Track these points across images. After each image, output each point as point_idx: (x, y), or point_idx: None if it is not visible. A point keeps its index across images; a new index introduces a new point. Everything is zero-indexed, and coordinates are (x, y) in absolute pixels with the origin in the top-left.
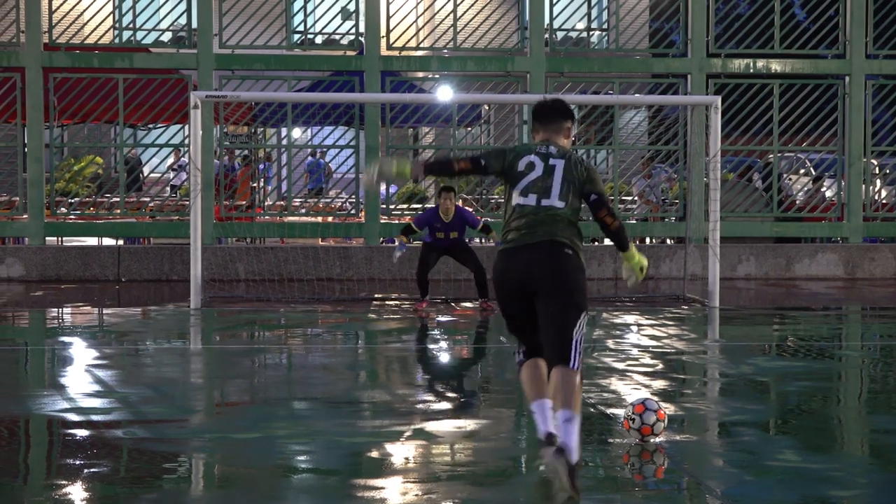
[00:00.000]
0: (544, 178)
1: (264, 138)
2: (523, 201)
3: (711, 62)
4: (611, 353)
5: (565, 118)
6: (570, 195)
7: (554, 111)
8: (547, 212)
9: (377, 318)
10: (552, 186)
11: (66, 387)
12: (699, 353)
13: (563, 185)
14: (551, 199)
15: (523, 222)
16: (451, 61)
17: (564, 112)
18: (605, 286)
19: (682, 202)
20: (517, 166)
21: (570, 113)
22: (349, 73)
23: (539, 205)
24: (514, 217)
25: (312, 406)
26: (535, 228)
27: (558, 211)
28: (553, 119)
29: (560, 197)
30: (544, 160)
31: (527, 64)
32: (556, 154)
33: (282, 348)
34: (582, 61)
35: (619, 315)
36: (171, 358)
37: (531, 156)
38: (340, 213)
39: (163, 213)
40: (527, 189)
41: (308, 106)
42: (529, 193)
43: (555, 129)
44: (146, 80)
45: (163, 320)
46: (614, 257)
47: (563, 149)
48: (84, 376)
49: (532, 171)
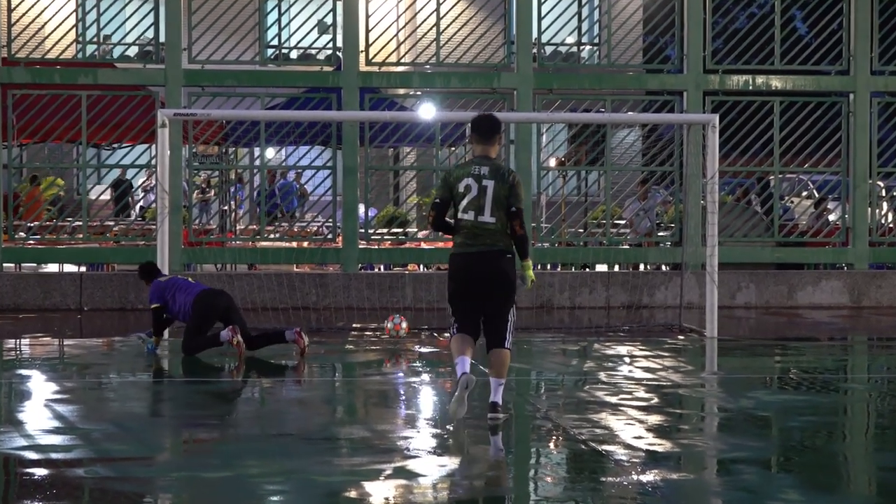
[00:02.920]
0: (479, 198)
1: (236, 158)
2: (465, 217)
3: (709, 78)
4: (603, 386)
5: (497, 132)
6: (499, 210)
7: (490, 126)
8: (483, 226)
9: (355, 349)
10: (485, 205)
11: (23, 423)
12: (696, 386)
13: (493, 204)
14: (485, 216)
15: (468, 234)
16: (433, 77)
17: (497, 127)
18: (597, 315)
19: (678, 226)
20: (458, 188)
21: (500, 126)
22: (326, 90)
23: (476, 220)
24: (461, 228)
25: (287, 443)
26: (477, 239)
27: (490, 225)
28: (491, 134)
29: (491, 214)
30: (478, 181)
31: (514, 80)
32: (487, 175)
33: (254, 381)
34: (572, 77)
35: (612, 346)
36: (135, 392)
37: (468, 179)
38: (316, 238)
39: (128, 237)
40: (467, 207)
41: (282, 124)
42: (469, 210)
43: (490, 142)
44: (111, 97)
45: (127, 352)
46: (606, 284)
47: (493, 166)
48: (43, 411)
49: (469, 193)
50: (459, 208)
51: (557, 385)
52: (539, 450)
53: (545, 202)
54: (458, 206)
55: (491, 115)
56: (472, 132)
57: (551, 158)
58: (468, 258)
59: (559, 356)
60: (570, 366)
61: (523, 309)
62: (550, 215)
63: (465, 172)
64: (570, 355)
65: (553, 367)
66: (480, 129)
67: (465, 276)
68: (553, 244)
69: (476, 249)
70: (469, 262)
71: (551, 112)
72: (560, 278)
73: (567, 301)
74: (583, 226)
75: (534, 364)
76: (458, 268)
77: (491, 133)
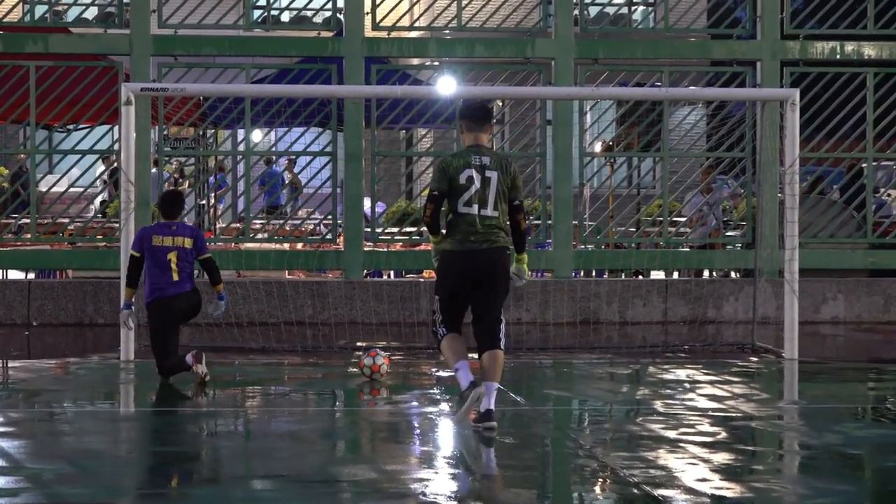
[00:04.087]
0: (482, 190)
1: (216, 143)
2: (467, 210)
3: (787, 46)
4: (659, 417)
5: (489, 120)
6: (501, 202)
7: (483, 114)
8: (487, 220)
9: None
10: (488, 198)
11: None
12: (772, 417)
13: (496, 196)
14: (488, 210)
15: (470, 229)
16: (454, 45)
17: (489, 115)
18: (653, 332)
19: (751, 224)
20: (458, 179)
21: (492, 114)
22: (324, 60)
23: (480, 214)
24: (461, 223)
25: (277, 486)
26: (481, 235)
27: (494, 219)
28: (483, 122)
29: (494, 207)
30: (481, 172)
31: (551, 48)
32: (490, 165)
33: (237, 412)
34: (622, 45)
35: (671, 369)
36: (95, 424)
37: (469, 170)
38: (313, 239)
39: (85, 238)
40: (470, 200)
41: (272, 102)
42: (473, 204)
43: (483, 129)
44: (65, 69)
45: (85, 376)
46: (664, 295)
47: (493, 156)
48: None
49: (472, 185)
50: (460, 201)
51: (604, 416)
52: (583, 495)
53: (589, 195)
54: (459, 199)
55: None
56: (462, 119)
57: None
58: (475, 256)
59: (606, 381)
60: (619, 393)
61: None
62: (595, 211)
63: (465, 163)
64: (620, 380)
65: (599, 395)
66: (473, 115)
67: (469, 275)
68: (598, 246)
69: (484, 246)
70: (475, 261)
71: (596, 87)
72: (607, 287)
73: (616, 315)
74: (635, 224)
75: (575, 391)
76: (463, 266)
77: (484, 119)
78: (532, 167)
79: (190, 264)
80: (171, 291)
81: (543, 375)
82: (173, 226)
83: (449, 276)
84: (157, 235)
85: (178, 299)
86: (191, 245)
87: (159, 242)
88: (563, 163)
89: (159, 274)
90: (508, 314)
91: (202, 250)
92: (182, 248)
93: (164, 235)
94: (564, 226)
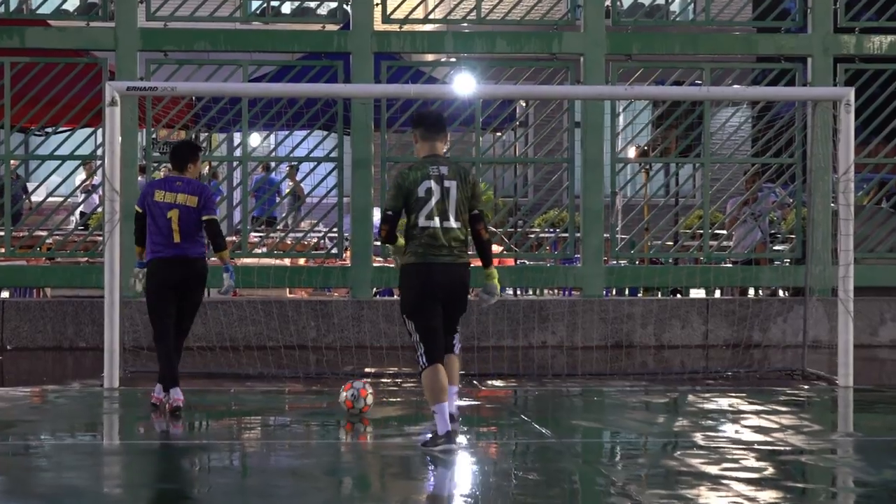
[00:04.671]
0: (442, 202)
1: (209, 147)
2: (428, 224)
3: (841, 40)
4: (699, 451)
5: (445, 128)
6: (462, 213)
7: (439, 122)
8: (449, 234)
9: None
10: (449, 209)
11: None
12: (825, 451)
13: (457, 207)
14: (451, 221)
15: (434, 242)
16: (472, 39)
17: (445, 123)
18: (693, 356)
19: (801, 238)
20: (417, 192)
21: (446, 123)
22: (329, 56)
23: (442, 226)
24: (423, 236)
25: None
26: (444, 248)
27: (456, 231)
28: (439, 130)
29: (456, 218)
30: (440, 183)
31: (580, 43)
32: (448, 175)
33: (233, 445)
34: (658, 39)
35: (712, 397)
36: (76, 459)
37: (428, 181)
38: (317, 254)
39: (65, 252)
40: (431, 213)
41: (271, 102)
42: (434, 216)
43: (439, 138)
44: (43, 66)
45: (65, 405)
46: (704, 316)
47: (451, 165)
48: None
49: (432, 197)
50: (421, 214)
51: (639, 450)
52: None
53: (621, 205)
54: (419, 211)
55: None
56: (416, 128)
57: (630, 147)
58: (439, 270)
59: (641, 411)
60: (655, 424)
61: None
62: (629, 223)
63: (423, 174)
64: (656, 410)
65: (633, 427)
66: (428, 123)
67: (434, 289)
68: (632, 262)
69: (447, 260)
70: (441, 275)
71: (630, 85)
72: (642, 307)
73: (651, 338)
74: (672, 237)
75: (607, 422)
76: (428, 279)
77: (440, 128)
78: (559, 174)
79: (196, 226)
80: (168, 253)
81: (571, 405)
82: (178, 181)
83: (417, 290)
84: (160, 190)
85: (176, 263)
86: (195, 204)
87: (160, 198)
88: (594, 170)
89: (157, 233)
90: (532, 337)
91: (206, 210)
92: (184, 207)
93: (167, 191)
94: (594, 239)
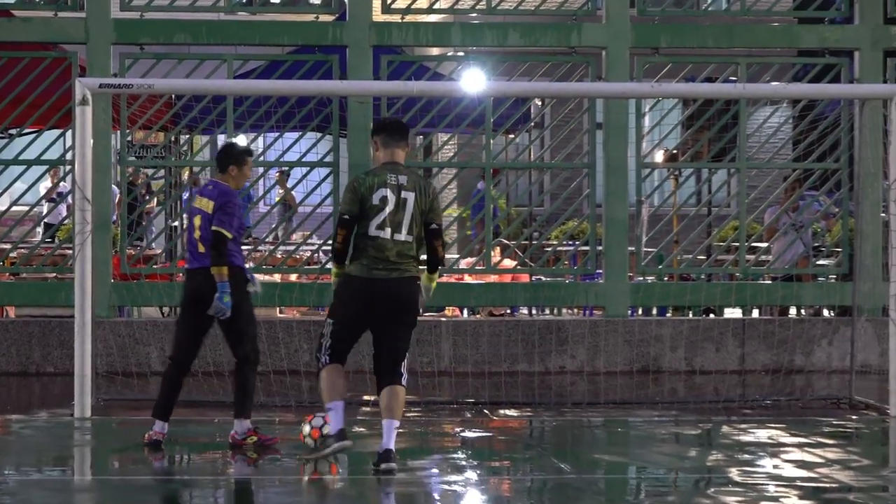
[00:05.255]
0: (396, 212)
1: (190, 151)
2: (378, 234)
3: (891, 31)
4: (736, 489)
5: (406, 135)
6: (416, 227)
7: (400, 128)
8: (399, 247)
9: (369, 431)
10: (403, 221)
11: None
12: (875, 488)
13: (412, 219)
14: (402, 234)
15: (380, 255)
16: (482, 31)
17: (406, 130)
18: (728, 383)
19: (847, 251)
20: (371, 199)
21: (408, 129)
22: (324, 50)
23: (393, 238)
24: (371, 248)
25: None
26: (391, 263)
27: (408, 245)
28: (399, 137)
29: (409, 231)
30: (396, 193)
31: (602, 35)
32: (406, 185)
33: (218, 481)
34: (688, 31)
35: (750, 428)
36: (43, 496)
37: (384, 189)
38: (310, 270)
39: (31, 267)
40: (383, 223)
41: (259, 101)
42: (385, 227)
43: (400, 145)
44: (6, 61)
45: (31, 437)
46: (741, 338)
47: (411, 176)
48: None
49: (386, 206)
50: (372, 224)
51: (668, 487)
52: None
53: (648, 215)
54: (370, 220)
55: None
56: (376, 134)
57: (657, 151)
58: (380, 285)
59: (670, 444)
60: (686, 458)
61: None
62: (656, 235)
63: (379, 181)
64: (687, 442)
65: (661, 461)
66: (389, 129)
67: (372, 304)
68: (660, 277)
69: (393, 276)
70: (381, 290)
71: (657, 82)
72: (671, 329)
73: (682, 362)
74: (704, 251)
75: (632, 455)
76: (366, 294)
77: (401, 134)
78: (578, 181)
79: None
80: (193, 264)
81: (593, 437)
82: (211, 185)
83: (349, 302)
84: (197, 195)
85: (198, 276)
86: (210, 210)
87: (194, 202)
88: (617, 176)
89: (188, 241)
90: (549, 361)
91: (216, 218)
92: (205, 213)
93: (199, 195)
94: (618, 253)
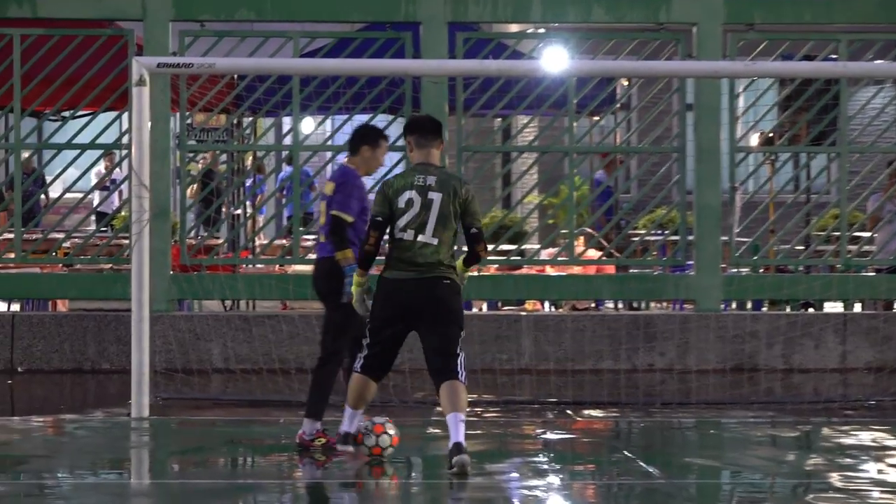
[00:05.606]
0: (421, 214)
1: (254, 135)
2: (404, 236)
3: None
4: (837, 495)
5: (441, 133)
6: (444, 230)
7: (433, 128)
8: (423, 248)
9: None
10: (427, 223)
11: None
12: None
13: (437, 222)
14: (426, 236)
15: (406, 256)
16: (565, 6)
17: (440, 128)
18: (828, 381)
19: None
20: (397, 203)
21: (442, 128)
22: (396, 27)
23: (416, 240)
24: (397, 250)
25: None
26: (414, 264)
27: (432, 248)
28: (433, 136)
29: (434, 234)
30: (422, 194)
31: (692, 10)
32: (434, 186)
33: (283, 485)
34: (785, 5)
35: (851, 431)
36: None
37: (410, 192)
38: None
39: (86, 258)
40: (407, 225)
41: (327, 81)
42: (409, 229)
43: (433, 145)
44: (59, 39)
45: (86, 438)
46: (842, 334)
47: (441, 176)
48: None
49: (411, 209)
50: (398, 226)
51: (764, 493)
52: None
53: (742, 203)
54: (398, 223)
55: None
56: (410, 134)
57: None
58: (404, 285)
59: (766, 447)
60: (783, 462)
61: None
62: (751, 224)
63: (406, 184)
64: (784, 445)
65: (757, 465)
66: (421, 128)
67: (398, 305)
68: (755, 269)
69: (420, 276)
70: (413, 290)
71: (752, 60)
72: (767, 324)
73: (779, 360)
74: (803, 241)
75: (725, 459)
76: (391, 295)
77: (434, 133)
78: (667, 166)
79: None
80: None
81: (683, 439)
82: (338, 167)
83: (383, 304)
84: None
85: (315, 267)
86: (330, 192)
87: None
88: (709, 160)
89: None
90: (637, 358)
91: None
92: (329, 199)
93: (329, 179)
94: (710, 243)
